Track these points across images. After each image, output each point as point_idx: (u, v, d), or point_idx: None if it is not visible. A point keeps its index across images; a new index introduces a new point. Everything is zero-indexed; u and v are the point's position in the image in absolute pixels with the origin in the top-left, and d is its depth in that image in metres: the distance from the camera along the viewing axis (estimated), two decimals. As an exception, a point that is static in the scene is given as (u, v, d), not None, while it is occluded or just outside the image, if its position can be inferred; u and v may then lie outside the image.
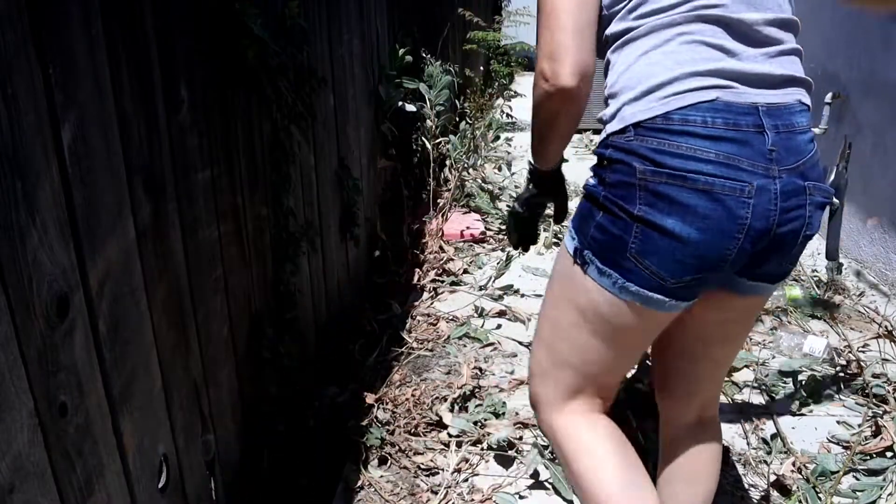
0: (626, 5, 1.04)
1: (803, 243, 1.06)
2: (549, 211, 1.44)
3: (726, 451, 1.87)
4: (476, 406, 2.06)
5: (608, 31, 1.07)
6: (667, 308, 1.05)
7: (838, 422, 2.00)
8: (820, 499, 1.67)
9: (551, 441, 1.21)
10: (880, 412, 1.97)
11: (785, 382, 2.15)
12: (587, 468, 1.12)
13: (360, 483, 1.79)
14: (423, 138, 3.46)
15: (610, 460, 1.12)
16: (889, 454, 1.80)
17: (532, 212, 1.40)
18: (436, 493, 1.76)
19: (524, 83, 8.79)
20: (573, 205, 1.18)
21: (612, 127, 1.03)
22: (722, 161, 0.97)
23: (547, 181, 1.34)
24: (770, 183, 0.98)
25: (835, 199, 1.04)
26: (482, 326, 2.57)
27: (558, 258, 1.14)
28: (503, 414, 2.01)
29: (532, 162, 1.30)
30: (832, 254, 1.15)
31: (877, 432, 1.88)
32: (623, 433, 1.18)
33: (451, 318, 2.63)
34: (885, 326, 2.45)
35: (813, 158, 1.04)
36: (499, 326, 2.60)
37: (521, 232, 1.44)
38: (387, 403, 2.08)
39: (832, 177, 1.06)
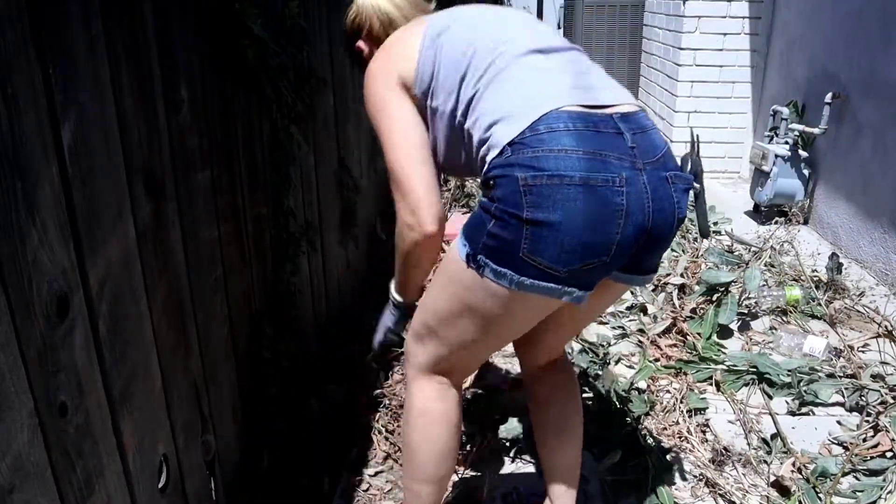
0: (460, 92, 1.22)
1: (677, 227, 1.20)
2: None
3: (726, 450, 1.87)
4: (476, 406, 2.06)
5: (456, 118, 1.24)
6: (563, 296, 1.14)
7: (838, 422, 2.00)
8: (820, 499, 1.67)
9: (408, 392, 1.38)
10: (879, 412, 1.96)
11: (785, 382, 2.15)
12: (422, 434, 1.35)
13: (360, 483, 1.79)
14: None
15: (441, 441, 1.35)
16: (889, 454, 1.80)
17: (400, 336, 1.56)
18: (436, 493, 1.76)
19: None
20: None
21: (490, 155, 1.14)
22: (591, 157, 1.09)
23: (412, 309, 1.45)
24: (638, 175, 1.11)
25: (696, 185, 1.23)
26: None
27: (446, 262, 1.24)
28: (502, 415, 2.01)
29: (398, 298, 1.47)
30: (704, 231, 1.39)
31: (876, 433, 1.88)
32: (459, 415, 1.37)
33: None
34: (885, 326, 2.45)
35: (668, 153, 1.19)
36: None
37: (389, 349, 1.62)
38: (387, 403, 2.08)
39: (689, 166, 1.26)
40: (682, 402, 2.08)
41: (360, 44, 1.46)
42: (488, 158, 1.14)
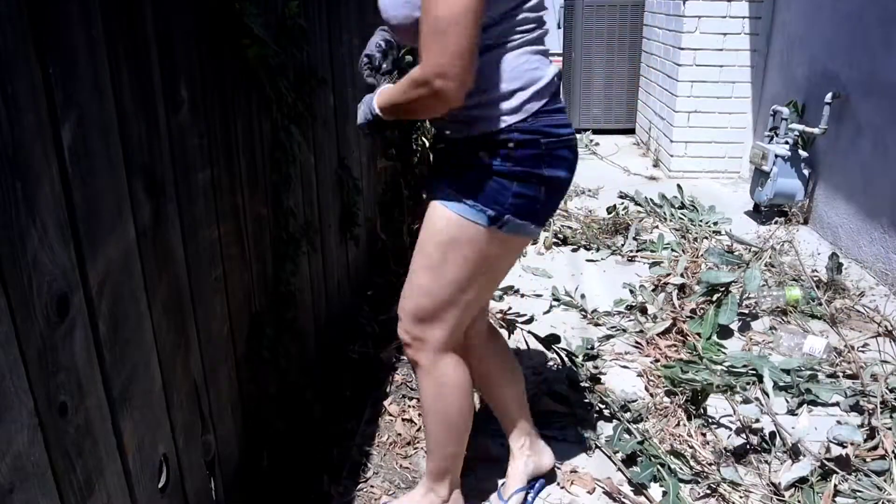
0: (510, 17, 1.28)
1: None
2: None
3: (726, 450, 1.87)
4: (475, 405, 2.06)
5: (489, 37, 1.27)
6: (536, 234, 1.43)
7: (838, 422, 2.00)
8: (820, 499, 1.67)
9: (429, 376, 1.47)
10: (879, 412, 1.96)
11: (785, 382, 2.15)
12: (457, 404, 1.50)
13: (360, 483, 1.79)
14: (423, 138, 3.46)
15: (468, 398, 1.52)
16: (890, 455, 1.80)
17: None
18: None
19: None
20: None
21: (514, 118, 1.30)
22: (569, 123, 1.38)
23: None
24: None
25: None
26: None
27: (455, 236, 1.35)
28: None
29: (379, 116, 1.38)
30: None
31: (874, 434, 1.87)
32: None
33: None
34: (885, 326, 2.45)
35: None
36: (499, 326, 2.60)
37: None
38: (386, 402, 2.08)
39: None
40: (681, 405, 2.08)
41: None
42: (509, 118, 1.29)
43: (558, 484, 1.78)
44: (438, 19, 1.16)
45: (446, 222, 1.36)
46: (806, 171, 3.62)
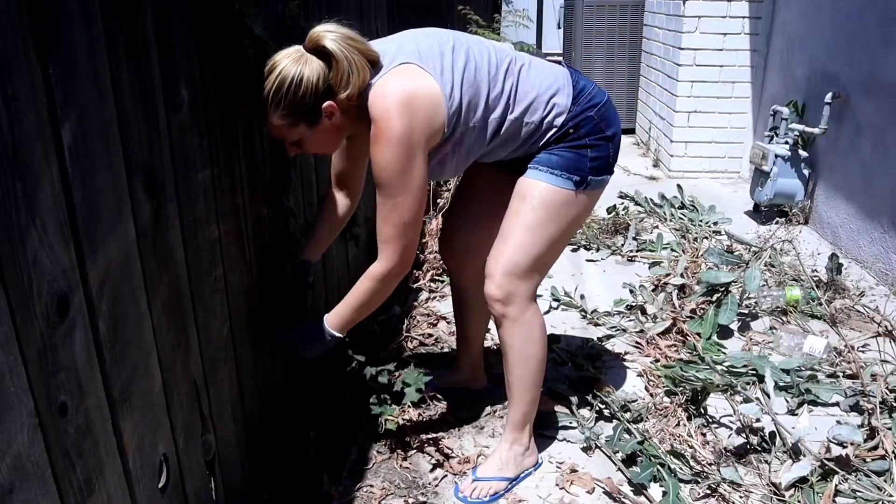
0: (494, 92, 1.52)
1: None
2: None
3: (726, 450, 1.87)
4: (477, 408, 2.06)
5: (498, 111, 1.53)
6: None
7: (838, 421, 2.00)
8: (819, 499, 1.67)
9: (519, 325, 1.64)
10: (879, 412, 1.96)
11: (785, 382, 2.15)
12: (544, 347, 1.70)
13: (359, 483, 1.79)
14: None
15: (546, 342, 1.73)
16: (890, 455, 1.80)
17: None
18: (436, 493, 1.76)
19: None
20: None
21: (560, 119, 1.57)
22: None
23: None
24: None
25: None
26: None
27: (545, 205, 1.58)
28: (503, 416, 2.01)
29: (339, 335, 1.64)
30: None
31: (874, 434, 1.88)
32: None
33: (450, 318, 2.63)
34: (885, 326, 2.45)
35: None
36: (499, 326, 2.60)
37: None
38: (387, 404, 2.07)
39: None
40: (681, 405, 2.08)
41: (331, 105, 1.44)
42: (557, 120, 1.55)
43: (558, 484, 1.79)
44: (404, 224, 1.47)
45: (540, 192, 1.57)
46: (806, 171, 3.62)
